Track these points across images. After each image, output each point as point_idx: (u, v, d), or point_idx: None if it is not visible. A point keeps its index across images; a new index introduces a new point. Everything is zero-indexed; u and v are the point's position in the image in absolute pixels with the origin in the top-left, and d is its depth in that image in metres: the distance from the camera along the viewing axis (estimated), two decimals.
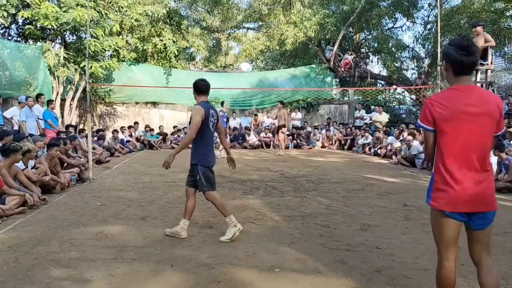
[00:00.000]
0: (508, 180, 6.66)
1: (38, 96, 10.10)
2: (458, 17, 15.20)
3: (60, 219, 4.75)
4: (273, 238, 4.07)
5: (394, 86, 18.19)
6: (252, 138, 14.90)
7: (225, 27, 20.24)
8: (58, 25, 11.26)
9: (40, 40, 12.29)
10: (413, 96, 17.60)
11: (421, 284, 3.00)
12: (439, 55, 8.93)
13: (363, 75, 17.13)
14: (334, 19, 15.53)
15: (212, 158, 4.16)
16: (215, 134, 4.43)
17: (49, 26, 11.28)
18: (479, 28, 8.25)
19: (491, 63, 8.43)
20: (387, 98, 19.85)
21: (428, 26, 17.03)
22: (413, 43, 18.51)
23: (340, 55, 17.43)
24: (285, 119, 12.46)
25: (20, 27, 12.52)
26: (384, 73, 20.11)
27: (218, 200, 4.10)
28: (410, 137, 10.47)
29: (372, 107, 16.80)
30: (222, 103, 11.87)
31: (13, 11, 11.00)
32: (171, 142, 14.55)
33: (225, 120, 11.67)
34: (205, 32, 19.86)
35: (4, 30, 12.40)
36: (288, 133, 14.89)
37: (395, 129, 12.51)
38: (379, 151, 12.25)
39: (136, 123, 14.78)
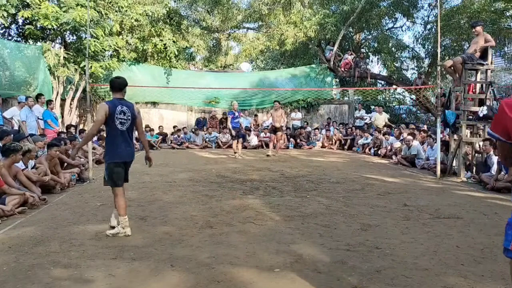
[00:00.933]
0: (508, 180, 6.65)
1: (38, 96, 10.09)
2: (458, 17, 15.18)
3: (60, 219, 4.75)
4: (273, 238, 4.07)
5: (394, 86, 18.18)
6: (253, 138, 14.88)
7: (225, 27, 20.22)
8: (58, 25, 11.25)
9: (40, 40, 12.28)
10: (413, 96, 17.60)
11: (421, 284, 3.00)
12: (439, 55, 8.93)
13: (363, 75, 17.12)
14: (334, 19, 15.52)
15: (117, 154, 4.17)
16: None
17: (49, 26, 11.27)
18: (478, 28, 8.25)
19: (491, 63, 8.42)
20: (387, 98, 19.85)
21: (428, 26, 17.01)
22: (413, 43, 18.50)
23: (340, 55, 17.42)
24: (281, 120, 12.10)
25: (20, 27, 12.51)
26: (384, 73, 20.10)
27: (118, 198, 4.20)
28: (410, 137, 10.48)
29: (372, 107, 16.80)
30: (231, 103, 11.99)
31: (13, 11, 10.99)
32: (171, 142, 14.54)
33: (236, 121, 11.57)
34: (205, 32, 19.84)
35: (4, 30, 12.39)
36: (287, 132, 14.86)
37: (395, 129, 12.52)
38: (379, 151, 12.26)
39: None
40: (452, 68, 8.42)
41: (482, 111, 7.85)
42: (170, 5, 16.49)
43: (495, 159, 7.19)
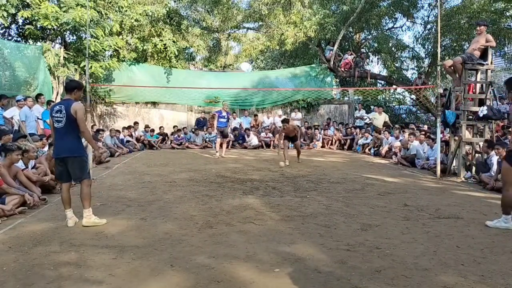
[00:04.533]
0: None
1: (38, 96, 10.09)
2: (458, 17, 15.18)
3: (60, 219, 4.75)
4: (273, 238, 4.07)
5: (394, 86, 18.18)
6: (253, 139, 14.88)
7: (225, 27, 20.22)
8: (58, 25, 11.26)
9: (40, 40, 12.29)
10: (413, 96, 17.60)
11: (421, 284, 3.00)
12: (439, 55, 8.93)
13: (363, 75, 17.12)
14: (334, 19, 15.51)
15: (54, 150, 4.64)
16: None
17: (49, 26, 11.28)
18: (482, 28, 8.24)
19: (491, 63, 8.42)
20: (387, 98, 19.85)
21: (428, 26, 17.00)
22: (413, 43, 18.50)
23: (340, 55, 17.43)
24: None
25: (20, 27, 12.52)
26: (384, 73, 20.11)
27: (61, 192, 4.67)
28: (409, 137, 10.47)
29: (372, 107, 16.80)
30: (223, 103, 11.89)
31: (13, 11, 11.00)
32: (171, 142, 14.55)
33: (222, 121, 11.46)
34: (205, 32, 19.85)
35: (4, 30, 12.40)
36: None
37: (396, 129, 12.51)
38: (379, 151, 12.26)
39: (136, 123, 14.77)
40: (452, 68, 8.42)
41: (482, 111, 7.85)
42: (170, 5, 16.49)
43: (495, 159, 7.19)
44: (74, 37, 12.84)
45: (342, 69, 17.18)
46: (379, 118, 14.53)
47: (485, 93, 8.17)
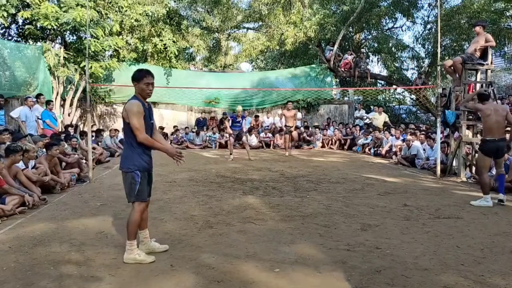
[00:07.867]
0: (508, 180, 6.65)
1: (38, 96, 10.09)
2: (458, 17, 15.19)
3: (60, 219, 4.75)
4: (273, 238, 4.07)
5: (394, 86, 18.18)
6: (253, 139, 14.87)
7: (225, 27, 20.25)
8: (58, 25, 11.25)
9: (40, 40, 12.28)
10: (413, 96, 17.60)
11: (421, 284, 3.00)
12: (439, 55, 8.92)
13: (363, 75, 17.12)
14: (334, 19, 15.52)
15: None
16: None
17: (49, 26, 11.26)
18: (477, 28, 8.24)
19: (491, 63, 8.43)
20: (387, 98, 19.85)
21: (428, 26, 17.02)
22: (413, 43, 18.51)
23: (340, 55, 17.42)
24: (294, 121, 12.16)
25: (20, 27, 12.50)
26: (384, 73, 20.11)
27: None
28: (410, 137, 10.46)
29: (372, 107, 16.81)
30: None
31: (13, 11, 10.98)
32: (171, 142, 14.54)
33: (236, 125, 11.39)
34: (205, 32, 19.86)
35: (4, 30, 12.38)
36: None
37: (396, 130, 12.51)
38: (379, 151, 12.26)
39: None
40: (452, 68, 8.42)
41: None
42: (170, 5, 16.48)
43: None
44: (74, 37, 12.82)
45: (342, 69, 17.17)
46: (379, 118, 14.53)
47: None
